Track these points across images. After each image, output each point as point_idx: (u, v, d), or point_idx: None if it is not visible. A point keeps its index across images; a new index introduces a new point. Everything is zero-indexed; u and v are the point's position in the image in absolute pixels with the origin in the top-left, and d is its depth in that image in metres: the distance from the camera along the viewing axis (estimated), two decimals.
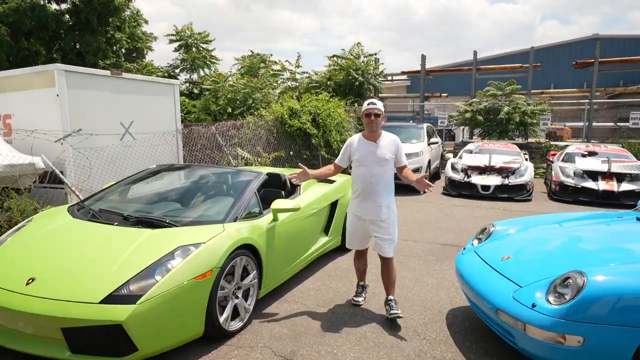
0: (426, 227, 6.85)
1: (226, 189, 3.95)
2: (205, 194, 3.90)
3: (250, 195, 3.71)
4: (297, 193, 4.56)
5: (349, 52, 16.37)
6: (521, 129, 14.60)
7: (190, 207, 3.71)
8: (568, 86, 23.53)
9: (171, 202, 3.82)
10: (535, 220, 3.71)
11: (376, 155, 3.45)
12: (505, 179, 9.52)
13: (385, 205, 3.48)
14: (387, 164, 3.47)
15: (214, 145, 8.64)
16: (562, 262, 2.73)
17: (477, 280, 3.00)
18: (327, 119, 10.88)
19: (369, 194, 3.47)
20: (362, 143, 3.54)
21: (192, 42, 21.08)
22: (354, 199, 3.62)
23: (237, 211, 3.48)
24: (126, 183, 4.18)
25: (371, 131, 3.49)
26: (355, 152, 3.53)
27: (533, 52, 15.12)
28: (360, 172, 3.50)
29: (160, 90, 8.17)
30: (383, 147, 3.48)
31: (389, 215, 3.50)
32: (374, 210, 3.48)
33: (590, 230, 3.22)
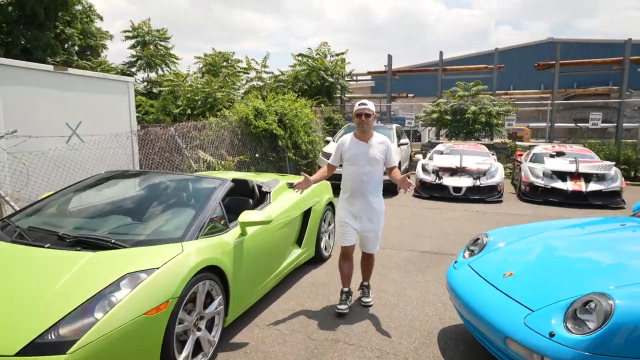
0: (402, 233, 6.53)
1: (186, 200, 3.40)
2: (162, 205, 3.34)
3: (214, 206, 3.20)
4: (266, 201, 4.09)
5: (316, 52, 15.97)
6: (487, 129, 14.69)
7: (143, 222, 3.14)
8: (527, 87, 24.17)
9: (120, 215, 3.24)
10: (530, 228, 3.41)
11: (367, 155, 3.55)
12: (477, 181, 9.39)
13: (375, 203, 3.63)
14: (377, 163, 3.58)
15: (174, 148, 7.99)
16: (576, 280, 2.41)
17: (478, 302, 2.64)
18: (294, 119, 10.41)
19: (360, 192, 3.59)
20: (354, 143, 3.63)
21: (149, 39, 20.07)
22: (344, 196, 3.71)
23: (199, 226, 2.96)
24: (67, 193, 3.54)
25: (362, 131, 3.58)
26: (347, 151, 3.62)
27: (497, 53, 15.27)
28: (352, 171, 3.60)
29: (112, 88, 7.45)
30: (374, 148, 3.58)
31: (378, 212, 3.66)
32: (364, 207, 3.62)
33: (598, 241, 2.93)
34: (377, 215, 3.65)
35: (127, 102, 7.77)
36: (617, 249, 2.72)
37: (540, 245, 3.01)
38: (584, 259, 2.66)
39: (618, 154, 12.83)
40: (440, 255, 5.44)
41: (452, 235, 6.40)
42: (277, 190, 4.33)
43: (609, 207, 8.69)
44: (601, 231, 3.16)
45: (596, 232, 3.14)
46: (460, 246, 5.82)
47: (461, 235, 6.43)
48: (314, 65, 15.29)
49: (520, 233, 3.32)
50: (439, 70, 16.11)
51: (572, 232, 3.16)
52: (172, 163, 7.86)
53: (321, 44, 15.87)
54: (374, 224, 3.65)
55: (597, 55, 18.26)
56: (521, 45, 27.68)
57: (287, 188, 4.63)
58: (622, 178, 9.11)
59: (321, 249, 4.96)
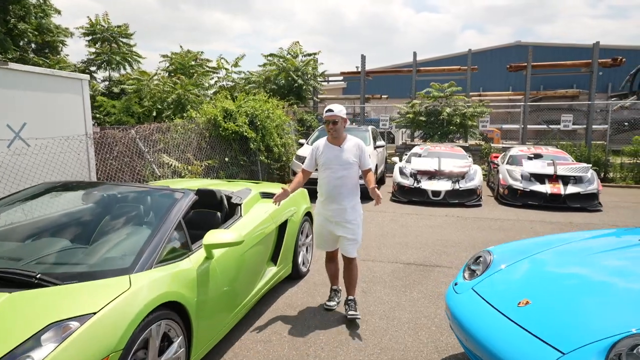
0: (383, 243, 6.12)
1: (139, 218, 2.83)
2: (108, 225, 2.76)
3: (174, 224, 2.66)
4: (237, 215, 3.56)
5: (288, 51, 15.47)
6: (461, 131, 14.58)
7: (83, 248, 2.56)
8: (495, 89, 24.48)
9: (54, 239, 2.64)
10: (538, 243, 3.03)
11: (340, 159, 3.53)
12: (456, 184, 9.12)
13: (351, 207, 3.58)
14: (351, 167, 3.55)
15: (135, 152, 7.31)
16: (612, 312, 2.02)
17: (491, 337, 2.22)
18: (266, 121, 9.88)
19: (334, 196, 3.55)
20: (327, 147, 3.61)
21: (109, 36, 18.98)
22: (320, 201, 3.68)
23: (153, 251, 2.41)
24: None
25: (332, 137, 3.58)
26: (320, 156, 3.60)
27: (470, 54, 15.20)
28: (325, 176, 3.57)
29: (64, 86, 6.72)
30: (347, 151, 3.55)
31: (354, 216, 3.60)
32: (339, 212, 3.56)
33: (624, 259, 2.57)
34: (353, 219, 3.58)
35: (81, 102, 7.05)
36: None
37: (555, 265, 2.63)
38: (613, 285, 2.29)
39: (588, 155, 12.94)
40: (427, 268, 5.05)
41: (436, 244, 6.04)
42: (248, 202, 3.81)
43: (587, 209, 8.60)
44: (621, 248, 2.81)
45: (616, 250, 2.79)
46: (446, 256, 5.46)
47: (445, 243, 6.08)
48: (284, 66, 14.78)
49: (527, 249, 2.93)
50: (412, 71, 15.90)
51: (587, 249, 2.80)
52: (133, 169, 7.19)
53: (292, 43, 15.39)
54: (350, 228, 3.57)
55: (561, 58, 18.56)
56: (490, 48, 28.06)
57: (260, 198, 4.12)
58: (598, 180, 9.05)
59: (299, 265, 4.47)
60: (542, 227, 7.15)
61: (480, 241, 6.23)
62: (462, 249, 5.82)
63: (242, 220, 3.49)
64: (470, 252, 5.66)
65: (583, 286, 2.34)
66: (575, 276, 2.47)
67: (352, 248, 3.61)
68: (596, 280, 2.38)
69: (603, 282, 2.33)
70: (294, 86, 14.81)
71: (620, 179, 12.75)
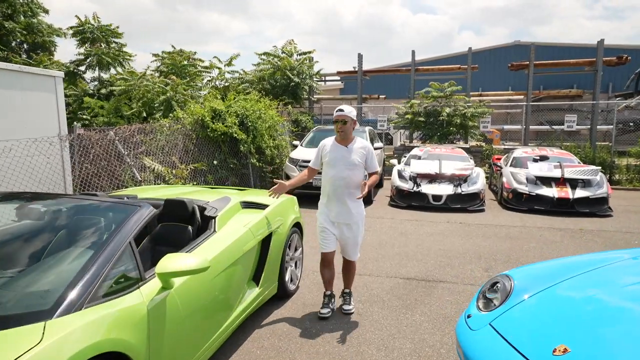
0: (381, 253, 5.61)
1: (78, 239, 2.30)
2: (38, 250, 2.24)
3: (121, 247, 2.14)
4: (210, 230, 3.05)
5: (282, 50, 14.96)
6: (462, 132, 14.10)
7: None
8: (494, 89, 24.02)
9: None
10: (566, 266, 2.53)
11: (346, 159, 3.51)
12: (458, 188, 8.63)
13: (354, 208, 3.56)
14: (356, 168, 3.53)
15: (113, 155, 6.79)
16: None
17: None
18: (257, 121, 9.36)
19: (338, 196, 3.53)
20: (334, 146, 3.60)
21: (98, 36, 18.43)
22: (323, 200, 3.66)
23: (88, 286, 1.89)
24: None
25: (341, 137, 3.55)
26: (327, 154, 3.59)
27: (471, 53, 14.72)
28: (330, 175, 3.56)
29: (35, 83, 6.21)
30: (353, 152, 3.53)
31: (357, 218, 3.59)
32: (341, 212, 3.56)
33: None
34: (355, 221, 3.58)
35: (54, 101, 6.54)
36: None
37: (595, 296, 2.13)
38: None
39: (593, 156, 12.47)
40: (429, 284, 4.55)
41: (439, 255, 5.54)
42: (225, 214, 3.30)
43: (597, 214, 8.11)
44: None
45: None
46: (450, 269, 4.96)
47: (449, 254, 5.58)
48: (279, 64, 14.27)
49: (554, 274, 2.43)
50: (411, 70, 15.42)
51: (632, 273, 2.30)
52: (112, 173, 6.66)
53: (287, 42, 14.88)
54: (352, 230, 3.59)
55: (561, 58, 18.12)
56: (489, 48, 27.61)
57: (240, 209, 3.61)
58: (607, 184, 8.58)
59: (285, 283, 3.96)
60: (551, 234, 6.66)
61: (487, 251, 5.74)
62: (468, 261, 5.32)
63: (215, 236, 2.98)
64: (477, 264, 5.17)
65: (633, 328, 1.83)
66: (623, 313, 1.97)
67: (353, 251, 3.67)
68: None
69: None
70: (289, 85, 14.29)
71: (626, 181, 12.28)
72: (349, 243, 3.63)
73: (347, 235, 3.59)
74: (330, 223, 3.60)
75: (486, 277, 4.73)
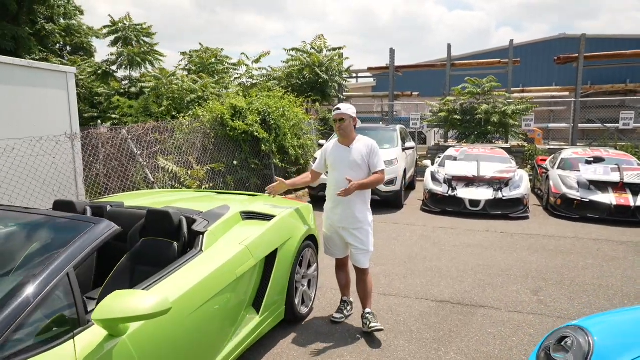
0: (411, 269, 4.94)
1: (7, 270, 1.80)
2: None
3: (52, 282, 1.61)
4: (196, 249, 2.51)
5: (311, 46, 14.41)
6: (502, 130, 13.10)
7: None
8: (535, 86, 22.56)
9: None
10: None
11: (347, 159, 3.34)
12: (498, 192, 7.79)
13: (359, 212, 3.35)
14: (359, 168, 3.32)
15: (125, 155, 6.43)
16: None
17: None
18: (281, 119, 8.85)
19: (341, 199, 3.30)
20: (335, 147, 3.46)
21: (129, 35, 18.51)
22: (328, 205, 3.50)
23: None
24: None
25: (341, 137, 3.41)
26: (329, 156, 3.47)
27: (512, 46, 13.65)
28: (334, 177, 3.41)
29: (43, 79, 5.92)
30: (355, 151, 3.36)
31: (362, 224, 3.36)
32: (345, 217, 3.36)
33: None
34: (361, 227, 3.35)
35: (65, 98, 6.24)
36: None
37: None
38: None
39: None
40: (467, 309, 3.86)
41: (477, 272, 4.81)
42: (218, 228, 2.75)
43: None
44: None
45: None
46: (492, 291, 4.23)
47: (489, 270, 4.84)
48: (307, 61, 13.72)
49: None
50: (447, 65, 14.50)
51: None
52: (123, 174, 6.30)
53: (316, 37, 14.31)
54: (358, 236, 3.35)
55: (612, 50, 16.62)
56: (531, 42, 26.00)
57: (240, 220, 3.06)
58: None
59: (295, 306, 3.38)
60: (611, 248, 5.77)
61: (534, 268, 4.96)
62: (512, 280, 4.57)
63: (200, 257, 2.43)
64: (523, 285, 4.41)
65: None
66: None
67: (362, 258, 3.37)
68: None
69: None
70: (318, 82, 13.72)
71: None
72: (357, 250, 3.36)
73: (354, 241, 3.35)
74: (336, 228, 3.41)
75: (536, 303, 3.99)
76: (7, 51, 16.96)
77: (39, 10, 20.68)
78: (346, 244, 3.44)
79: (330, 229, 3.47)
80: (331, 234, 3.47)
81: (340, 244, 3.46)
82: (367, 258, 3.38)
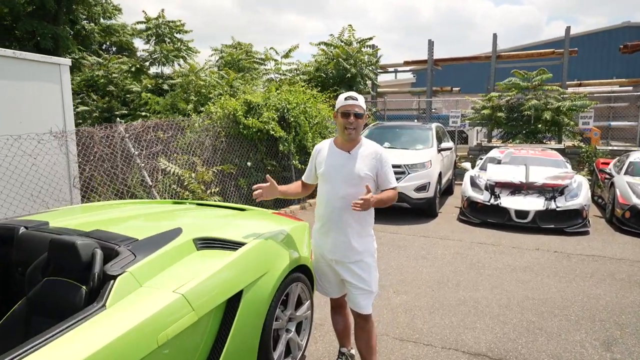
0: (438, 299, 3.97)
1: None
2: None
3: None
4: (99, 302, 1.71)
5: (339, 38, 13.51)
6: (554, 129, 11.67)
7: None
8: (593, 79, 20.53)
9: None
10: None
11: (346, 170, 2.46)
12: (551, 202, 6.60)
13: (356, 242, 2.47)
14: (361, 183, 2.38)
15: (121, 155, 5.82)
16: None
17: None
18: (301, 116, 8.03)
19: (333, 223, 2.48)
20: (331, 152, 2.55)
21: (162, 32, 18.34)
22: (317, 227, 2.60)
23: None
24: None
25: (347, 138, 2.47)
26: (321, 162, 2.55)
27: (569, 34, 12.13)
28: (325, 192, 2.52)
29: (32, 72, 5.39)
30: (358, 160, 2.46)
31: (362, 255, 2.48)
32: (338, 247, 2.49)
33: None
34: (360, 259, 2.48)
35: (58, 92, 5.70)
36: None
37: None
38: None
39: None
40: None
41: (524, 308, 3.78)
42: (147, 266, 1.94)
43: None
44: None
45: None
46: (545, 340, 3.18)
47: (541, 308, 3.79)
48: (334, 53, 12.82)
49: None
50: (491, 57, 13.17)
51: None
52: (117, 177, 5.69)
53: (344, 28, 13.37)
54: (357, 272, 2.48)
55: None
56: (588, 32, 23.77)
57: (191, 250, 2.25)
58: None
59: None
60: None
61: (603, 306, 3.85)
62: (573, 324, 3.50)
63: (99, 317, 1.63)
64: (589, 332, 3.34)
65: None
66: None
67: (363, 301, 2.50)
68: None
69: None
70: (345, 76, 12.80)
71: None
72: (356, 289, 2.50)
73: (351, 278, 2.49)
74: (327, 259, 2.56)
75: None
76: (46, 50, 17.25)
77: (79, 11, 21.01)
78: (342, 281, 2.58)
79: (320, 260, 2.64)
80: (322, 266, 2.64)
81: (335, 279, 2.61)
82: (369, 301, 2.52)
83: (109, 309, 1.68)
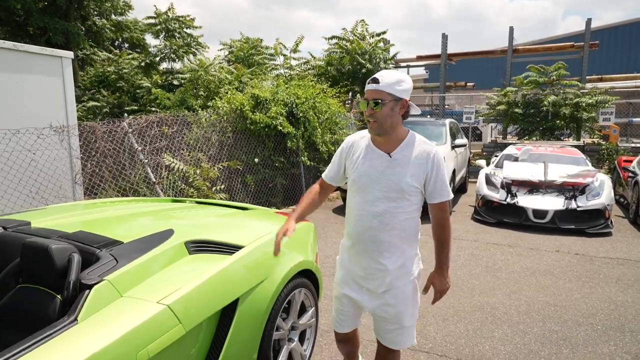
0: (453, 305, 3.72)
1: None
2: None
3: None
4: (70, 315, 1.51)
5: (351, 32, 13.22)
6: (573, 126, 11.27)
7: None
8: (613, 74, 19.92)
9: None
10: None
11: (386, 179, 1.85)
12: (571, 201, 6.29)
13: (396, 268, 1.91)
14: (405, 195, 1.85)
15: (123, 151, 5.67)
16: None
17: None
18: (310, 111, 7.80)
19: (369, 244, 1.90)
20: (368, 152, 1.91)
21: (172, 27, 18.24)
22: (347, 244, 2.02)
23: None
24: None
25: (376, 134, 1.85)
26: (354, 166, 1.93)
27: (590, 27, 11.68)
28: (355, 205, 1.94)
29: (33, 65, 5.25)
30: (403, 164, 1.85)
31: (401, 284, 1.93)
32: (372, 274, 1.92)
33: None
34: (396, 297, 1.92)
35: (60, 86, 5.56)
36: None
37: None
38: None
39: None
40: None
41: (545, 317, 3.51)
42: (130, 273, 1.75)
43: None
44: None
45: None
46: (568, 352, 2.93)
47: (563, 316, 3.52)
48: (349, 48, 12.54)
49: None
50: (507, 51, 12.78)
51: None
52: (120, 173, 5.54)
53: (357, 22, 13.08)
54: (388, 306, 1.93)
55: None
56: (609, 26, 23.08)
57: (182, 255, 2.05)
58: None
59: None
60: None
61: (632, 314, 3.57)
62: (600, 334, 3.24)
63: (69, 332, 1.43)
64: (617, 344, 3.08)
65: None
66: None
67: (397, 337, 1.99)
68: None
69: None
70: (360, 72, 12.52)
71: None
72: (386, 322, 1.97)
73: (384, 313, 1.96)
74: (355, 285, 2.01)
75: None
76: (57, 45, 17.25)
77: (90, 7, 21.02)
78: (358, 313, 2.10)
79: (343, 286, 2.05)
80: (344, 295, 2.05)
81: (354, 312, 2.08)
82: (404, 336, 2.00)
83: (80, 323, 1.49)
